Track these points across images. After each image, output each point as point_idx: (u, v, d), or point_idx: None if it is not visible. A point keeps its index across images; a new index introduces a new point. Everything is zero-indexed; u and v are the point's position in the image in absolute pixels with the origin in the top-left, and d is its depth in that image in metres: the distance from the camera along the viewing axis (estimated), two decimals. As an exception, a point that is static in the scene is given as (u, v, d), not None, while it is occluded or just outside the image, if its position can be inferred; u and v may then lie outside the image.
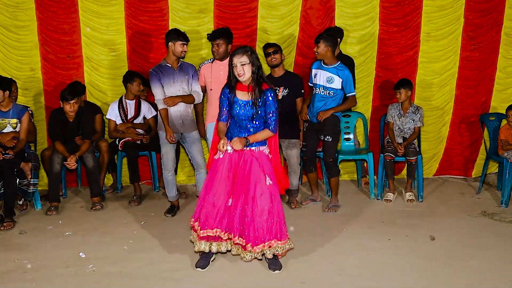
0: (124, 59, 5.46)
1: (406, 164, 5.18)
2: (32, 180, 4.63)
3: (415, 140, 5.13)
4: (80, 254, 3.72)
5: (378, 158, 5.24)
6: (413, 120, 5.07)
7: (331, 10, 5.50)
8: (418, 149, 5.14)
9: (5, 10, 5.21)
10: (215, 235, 3.37)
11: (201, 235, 3.38)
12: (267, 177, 3.33)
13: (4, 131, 4.63)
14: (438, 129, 5.84)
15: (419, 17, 5.55)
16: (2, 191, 4.46)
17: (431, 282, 3.23)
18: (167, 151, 4.55)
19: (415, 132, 5.09)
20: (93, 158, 4.90)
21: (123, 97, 5.23)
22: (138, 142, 5.21)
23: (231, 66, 3.34)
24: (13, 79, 5.06)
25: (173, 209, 4.70)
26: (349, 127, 5.37)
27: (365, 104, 5.73)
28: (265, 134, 3.42)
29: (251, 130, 3.41)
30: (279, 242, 3.34)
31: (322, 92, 4.63)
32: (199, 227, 3.40)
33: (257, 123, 3.41)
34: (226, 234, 3.37)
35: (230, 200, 3.36)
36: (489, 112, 5.78)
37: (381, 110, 5.63)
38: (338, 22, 5.51)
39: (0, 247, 3.90)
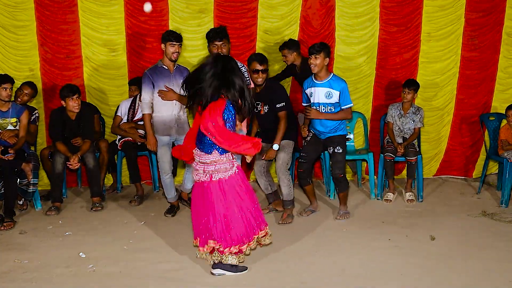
0: (124, 59, 5.45)
1: (406, 164, 5.17)
2: (32, 180, 4.64)
3: (415, 140, 5.13)
4: (80, 254, 3.72)
5: (378, 158, 5.23)
6: (413, 121, 5.07)
7: (331, 10, 5.49)
8: (418, 149, 5.14)
9: (4, 10, 5.19)
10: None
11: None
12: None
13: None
14: (439, 129, 5.82)
15: (420, 17, 5.54)
16: (2, 191, 4.46)
17: (431, 282, 3.23)
18: (162, 154, 4.52)
19: (415, 132, 5.08)
20: (93, 158, 4.90)
21: (137, 97, 5.23)
22: (139, 143, 5.20)
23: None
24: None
25: (173, 209, 4.69)
26: (349, 127, 5.37)
27: (365, 104, 5.72)
28: None
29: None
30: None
31: (323, 110, 4.34)
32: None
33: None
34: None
35: None
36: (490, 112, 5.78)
37: (381, 110, 5.62)
38: (338, 22, 5.51)
39: (0, 247, 3.90)
